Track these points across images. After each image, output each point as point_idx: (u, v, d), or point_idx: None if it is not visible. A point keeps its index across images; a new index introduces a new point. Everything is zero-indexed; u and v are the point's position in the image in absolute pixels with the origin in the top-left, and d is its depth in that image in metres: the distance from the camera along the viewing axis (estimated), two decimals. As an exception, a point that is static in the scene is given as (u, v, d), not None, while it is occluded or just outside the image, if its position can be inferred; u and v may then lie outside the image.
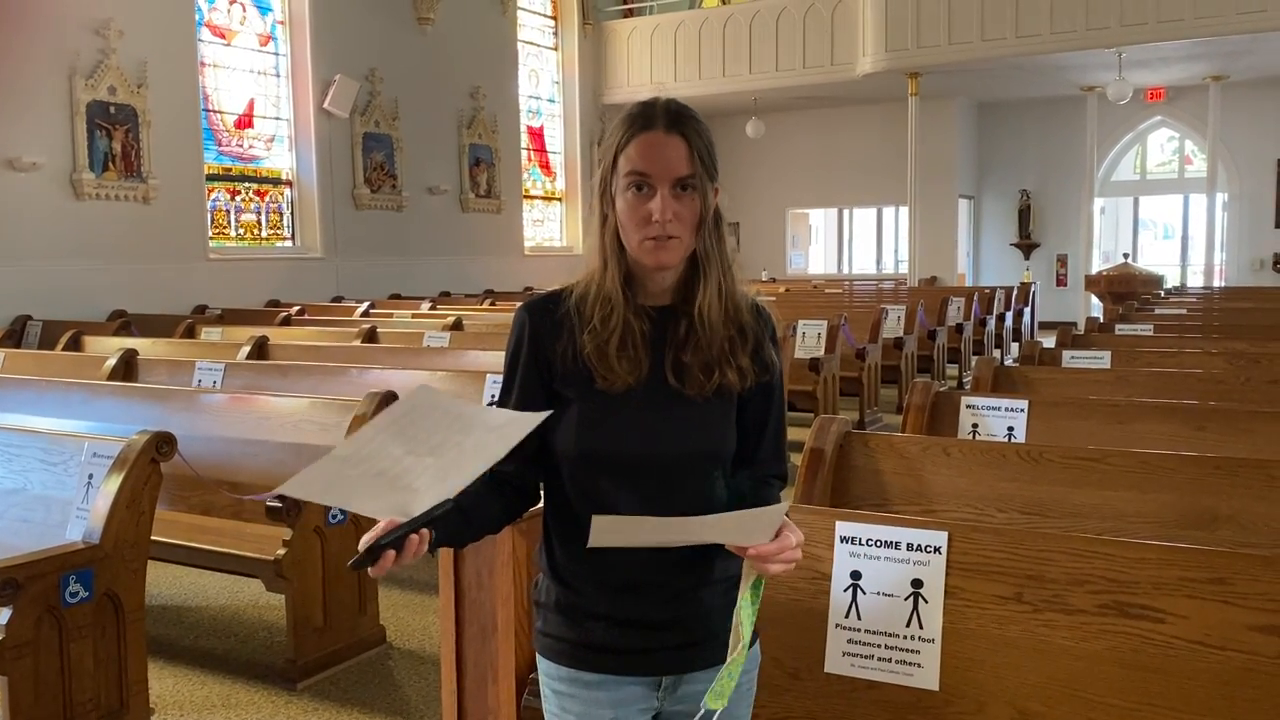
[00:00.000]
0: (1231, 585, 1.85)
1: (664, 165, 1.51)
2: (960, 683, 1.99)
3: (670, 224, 1.50)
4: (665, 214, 1.50)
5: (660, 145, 1.51)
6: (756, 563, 1.41)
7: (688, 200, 1.52)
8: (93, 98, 9.86)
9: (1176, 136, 17.71)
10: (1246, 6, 12.08)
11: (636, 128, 1.52)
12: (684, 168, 1.51)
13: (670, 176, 1.51)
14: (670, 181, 1.51)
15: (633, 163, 1.51)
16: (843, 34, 15.05)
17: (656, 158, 1.51)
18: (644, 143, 1.51)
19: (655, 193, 1.51)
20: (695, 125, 1.53)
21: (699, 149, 1.52)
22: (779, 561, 1.41)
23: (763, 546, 1.40)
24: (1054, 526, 2.63)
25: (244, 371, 5.52)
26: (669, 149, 1.51)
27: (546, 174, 16.91)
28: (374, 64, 12.99)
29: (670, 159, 1.51)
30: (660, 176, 1.51)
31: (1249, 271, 16.37)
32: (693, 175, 1.51)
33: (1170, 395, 3.83)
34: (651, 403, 1.56)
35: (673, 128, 1.52)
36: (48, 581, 2.80)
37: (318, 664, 3.76)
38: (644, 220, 1.51)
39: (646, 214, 1.50)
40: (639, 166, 1.51)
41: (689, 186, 1.52)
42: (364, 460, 1.31)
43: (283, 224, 12.52)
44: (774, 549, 1.40)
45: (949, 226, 17.05)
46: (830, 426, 2.90)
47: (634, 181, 1.52)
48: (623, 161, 1.53)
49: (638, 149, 1.51)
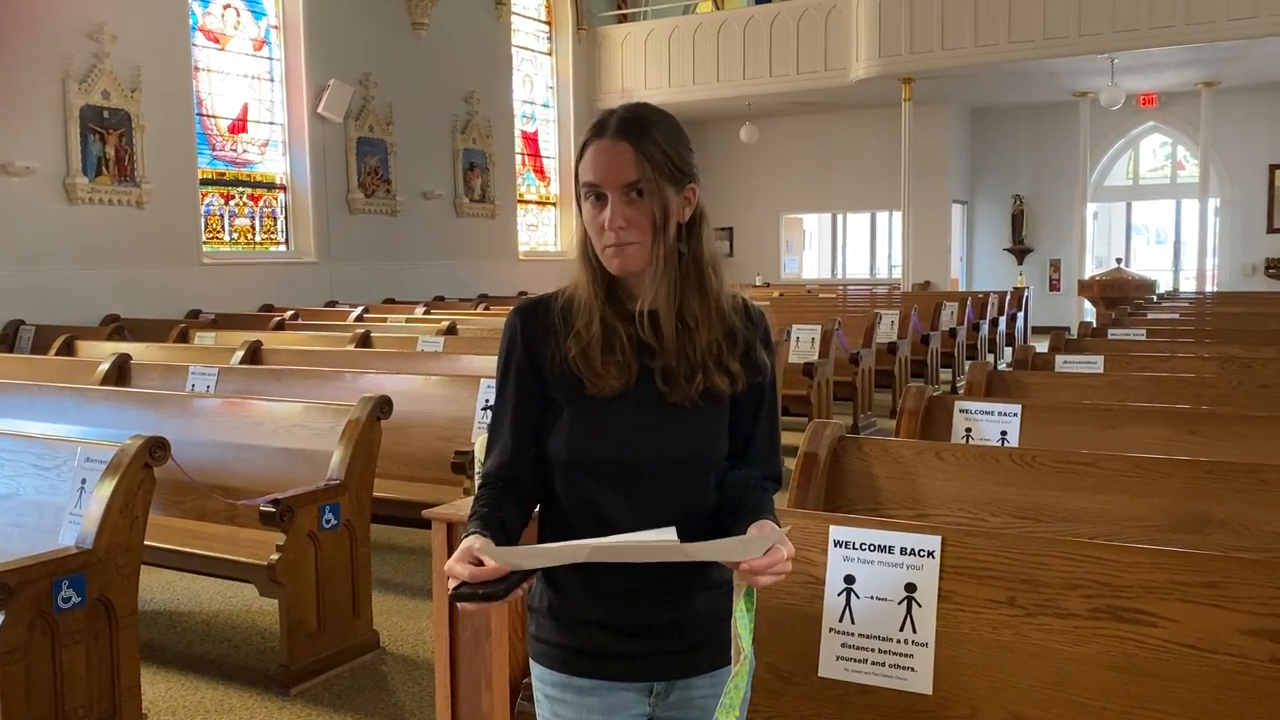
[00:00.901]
0: (1223, 589, 1.86)
1: (611, 173, 1.52)
2: (954, 687, 1.99)
3: (622, 230, 1.51)
4: (615, 221, 1.51)
5: (606, 153, 1.53)
6: (748, 576, 1.42)
7: (641, 205, 1.52)
8: (86, 102, 9.84)
9: (1169, 142, 17.77)
10: (1237, 13, 12.14)
11: (589, 137, 1.55)
12: (630, 174, 1.51)
13: (618, 183, 1.52)
14: (618, 189, 1.52)
15: (586, 173, 1.54)
16: (836, 39, 15.09)
17: (604, 166, 1.52)
18: (594, 152, 1.54)
19: (607, 200, 1.53)
20: (648, 130, 1.53)
21: (648, 153, 1.52)
22: (770, 574, 1.42)
23: (755, 561, 1.40)
24: (1047, 530, 2.63)
25: (237, 376, 5.52)
26: (615, 156, 1.52)
27: (541, 179, 16.92)
28: (368, 69, 12.98)
29: (617, 166, 1.52)
30: (609, 184, 1.52)
31: (1241, 276, 16.42)
32: (639, 180, 1.52)
33: (1163, 399, 3.85)
34: (641, 408, 1.56)
35: (620, 135, 1.52)
36: (40, 587, 2.79)
37: (311, 669, 3.75)
38: (600, 229, 1.53)
39: (601, 223, 1.53)
40: (589, 177, 1.54)
41: (640, 191, 1.52)
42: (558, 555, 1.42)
43: (276, 228, 12.50)
44: (766, 563, 1.41)
45: (943, 231, 17.09)
46: (824, 431, 2.90)
47: (589, 192, 1.54)
48: (581, 172, 1.55)
49: (589, 158, 1.54)
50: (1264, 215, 16.52)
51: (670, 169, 1.53)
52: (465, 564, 1.38)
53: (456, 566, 1.38)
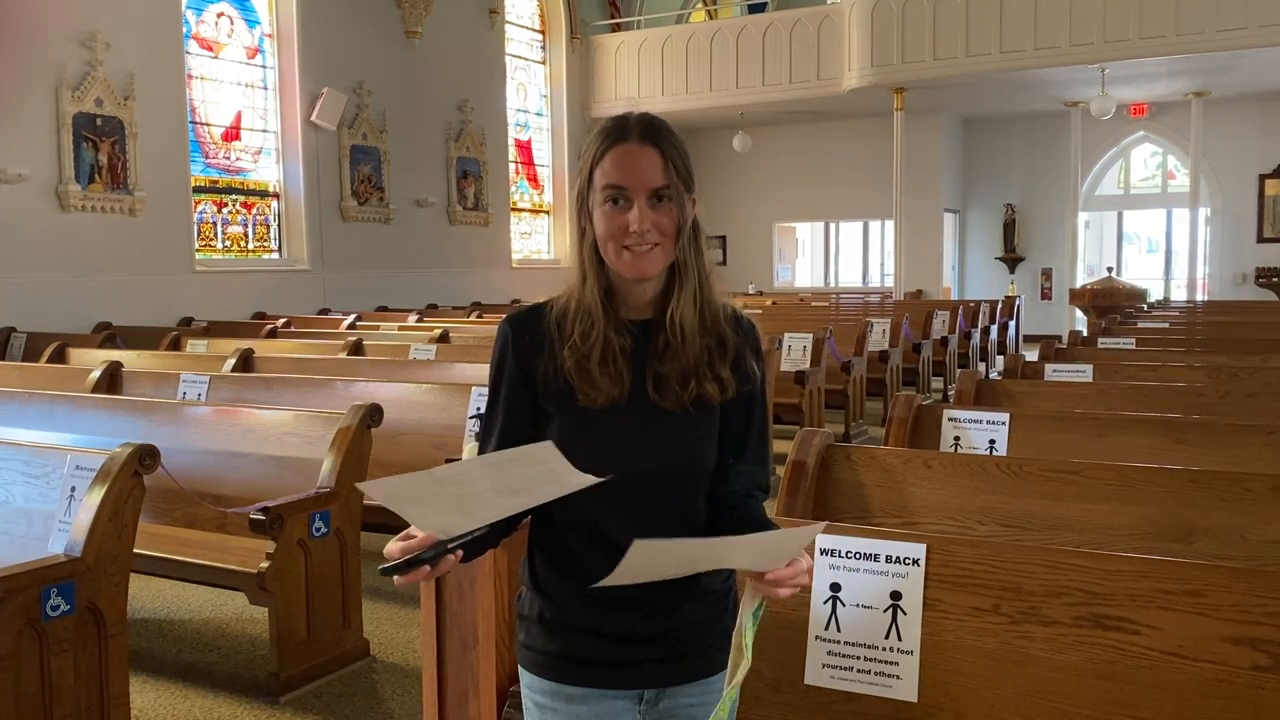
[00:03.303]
0: (1205, 597, 1.87)
1: (639, 176, 1.52)
2: (938, 694, 2.00)
3: (649, 233, 1.52)
4: (643, 224, 1.51)
5: (635, 156, 1.52)
6: (770, 587, 1.40)
7: (665, 210, 1.53)
8: (79, 109, 9.83)
9: (1160, 151, 17.85)
10: (1228, 24, 12.21)
11: (611, 141, 1.54)
12: (659, 178, 1.53)
13: (646, 187, 1.52)
14: (646, 192, 1.52)
15: (608, 176, 1.53)
16: (829, 49, 15.15)
17: (631, 169, 1.52)
18: (619, 155, 1.53)
19: (632, 204, 1.52)
20: (669, 137, 1.55)
21: (673, 160, 1.53)
22: (790, 586, 1.40)
23: (779, 571, 1.39)
24: (1034, 539, 2.65)
25: (229, 384, 5.51)
26: (643, 160, 1.52)
27: (534, 187, 16.94)
28: (361, 77, 13.00)
29: (645, 170, 1.52)
30: (636, 188, 1.52)
31: (1231, 285, 16.50)
32: (668, 186, 1.53)
33: (1151, 408, 3.87)
34: (632, 417, 1.57)
35: (646, 139, 1.53)
36: (28, 595, 2.79)
37: (301, 677, 3.75)
38: (621, 231, 1.52)
39: (624, 225, 1.52)
40: (614, 179, 1.52)
41: (665, 197, 1.53)
42: (454, 483, 1.33)
43: (269, 236, 12.50)
44: (789, 573, 1.39)
45: (934, 240, 17.13)
46: (813, 439, 2.91)
47: (610, 195, 1.53)
48: (598, 175, 1.54)
49: (613, 162, 1.53)
50: (1254, 225, 16.60)
51: (687, 177, 1.55)
52: (399, 542, 1.41)
53: (391, 546, 1.42)
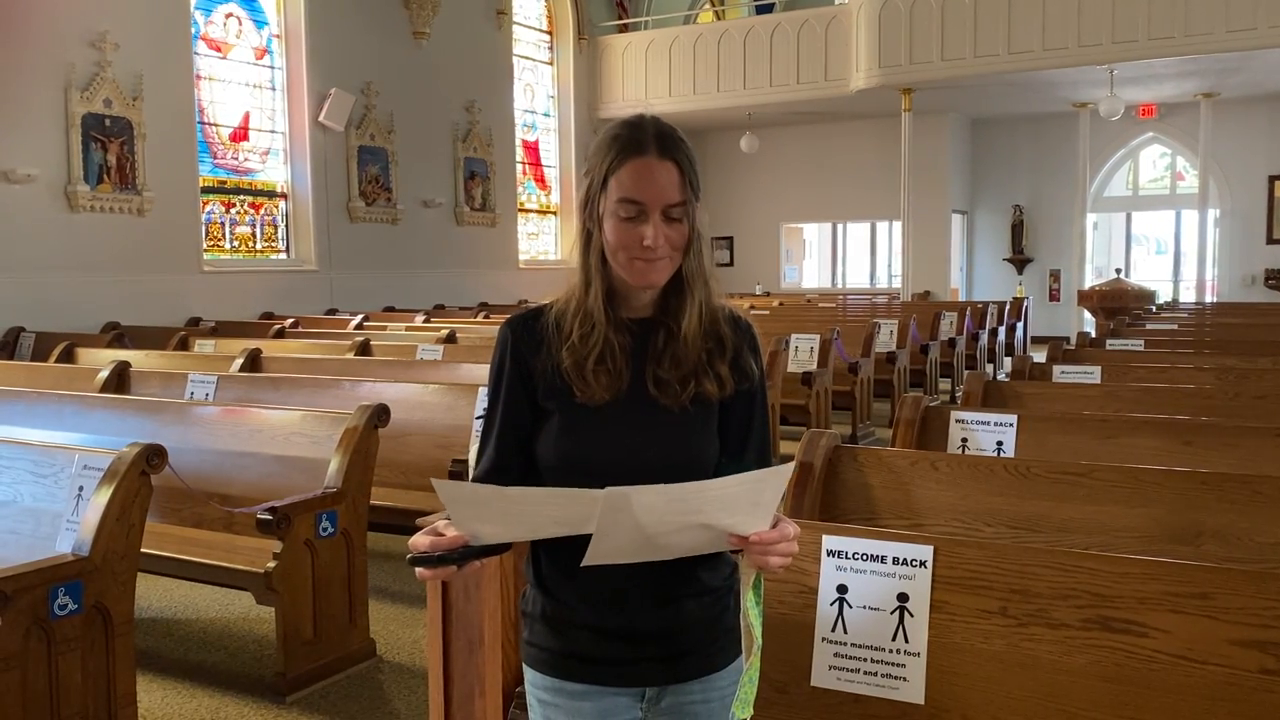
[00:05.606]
0: (1214, 600, 1.86)
1: (657, 192, 1.53)
2: (945, 697, 2.00)
3: (662, 247, 1.53)
4: (658, 240, 1.52)
5: (653, 171, 1.53)
6: (756, 553, 1.41)
7: (678, 225, 1.55)
8: (88, 110, 9.87)
9: (1168, 153, 17.79)
10: (1237, 25, 12.17)
11: (629, 151, 1.54)
12: (676, 195, 1.53)
13: (663, 203, 1.53)
14: (662, 207, 1.53)
15: (625, 189, 1.53)
16: (836, 50, 15.13)
17: (650, 184, 1.52)
18: (638, 168, 1.53)
19: (647, 218, 1.52)
20: (684, 149, 1.56)
21: (690, 175, 1.55)
22: (777, 553, 1.41)
23: (764, 533, 1.39)
24: (1042, 541, 2.64)
25: (237, 384, 5.52)
26: (661, 175, 1.53)
27: (541, 187, 16.95)
28: (369, 78, 13.02)
29: (663, 186, 1.53)
30: (653, 203, 1.53)
31: (1241, 287, 16.42)
32: (684, 202, 1.54)
33: (1159, 410, 3.85)
34: (631, 414, 1.58)
35: (665, 153, 1.53)
36: (36, 594, 2.80)
37: (307, 677, 3.75)
38: (635, 244, 1.53)
39: (638, 237, 1.53)
40: (632, 194, 1.52)
41: (680, 212, 1.54)
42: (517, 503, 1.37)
43: (277, 237, 12.53)
44: (775, 535, 1.40)
45: (942, 241, 17.11)
46: (819, 440, 2.90)
47: (629, 208, 1.53)
48: (614, 185, 1.54)
49: (630, 175, 1.53)
50: (1263, 226, 16.54)
51: (698, 188, 1.57)
52: (427, 536, 1.42)
53: (419, 539, 1.42)
